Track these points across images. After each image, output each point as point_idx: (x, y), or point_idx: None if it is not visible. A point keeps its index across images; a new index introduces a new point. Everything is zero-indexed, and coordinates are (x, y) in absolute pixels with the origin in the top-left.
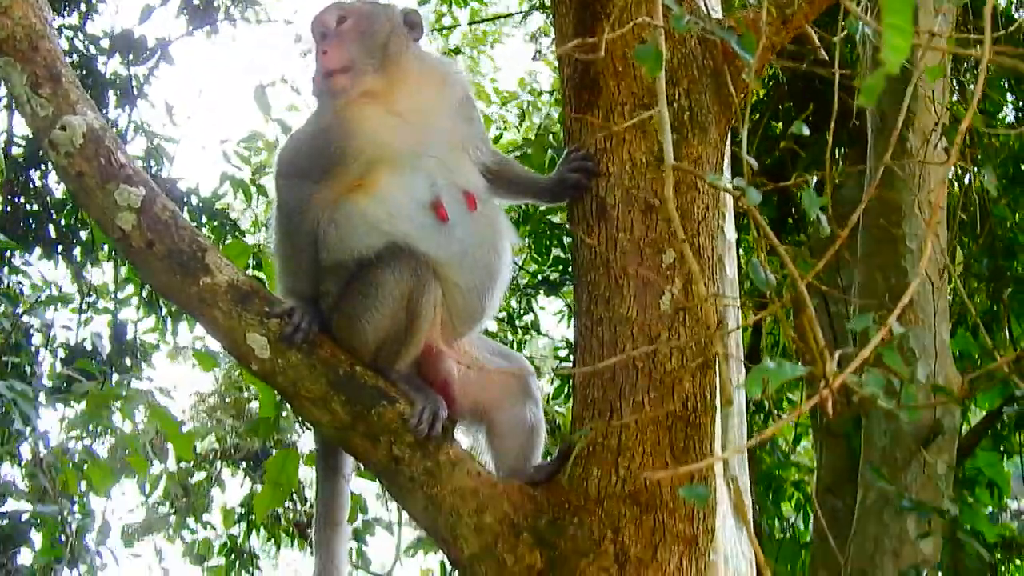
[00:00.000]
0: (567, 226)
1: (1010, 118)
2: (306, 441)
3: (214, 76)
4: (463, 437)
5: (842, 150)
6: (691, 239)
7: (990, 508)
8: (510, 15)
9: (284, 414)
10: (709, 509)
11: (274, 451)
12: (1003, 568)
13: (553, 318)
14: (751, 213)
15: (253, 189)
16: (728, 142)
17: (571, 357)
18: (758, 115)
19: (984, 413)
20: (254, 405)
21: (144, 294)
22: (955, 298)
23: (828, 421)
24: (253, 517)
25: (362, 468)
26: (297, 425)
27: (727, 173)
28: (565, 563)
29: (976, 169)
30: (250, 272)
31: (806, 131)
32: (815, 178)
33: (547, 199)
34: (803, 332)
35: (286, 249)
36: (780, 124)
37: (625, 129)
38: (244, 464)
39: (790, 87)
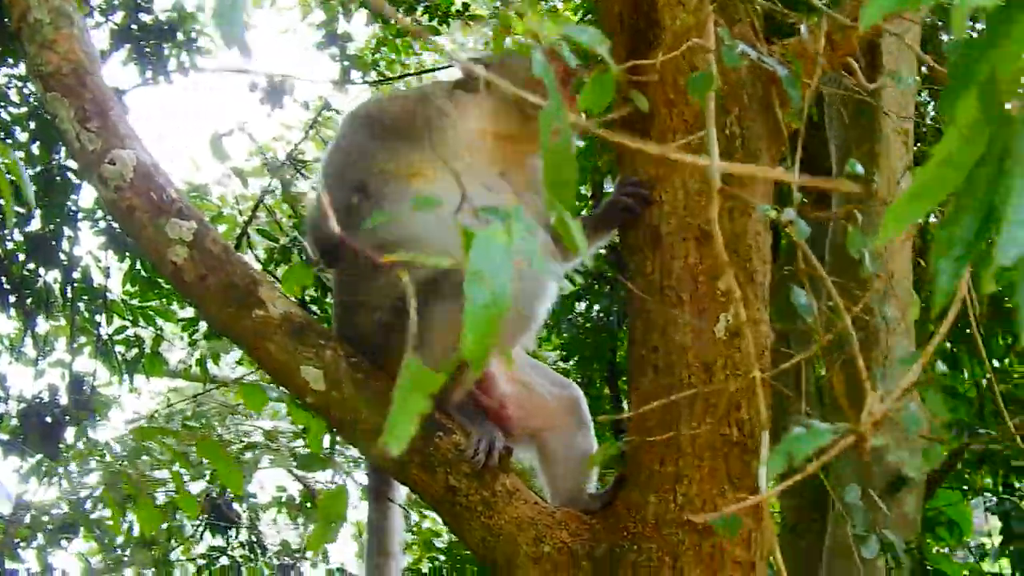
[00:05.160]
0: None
1: None
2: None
3: (170, 125)
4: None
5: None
6: (743, 264)
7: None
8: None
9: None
10: (766, 534)
11: (233, 502)
12: None
13: None
14: (800, 246)
15: None
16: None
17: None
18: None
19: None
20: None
21: (99, 341)
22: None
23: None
24: (214, 568)
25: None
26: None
27: None
28: None
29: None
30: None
31: (860, 169)
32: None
33: (599, 226)
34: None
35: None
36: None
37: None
38: (205, 516)
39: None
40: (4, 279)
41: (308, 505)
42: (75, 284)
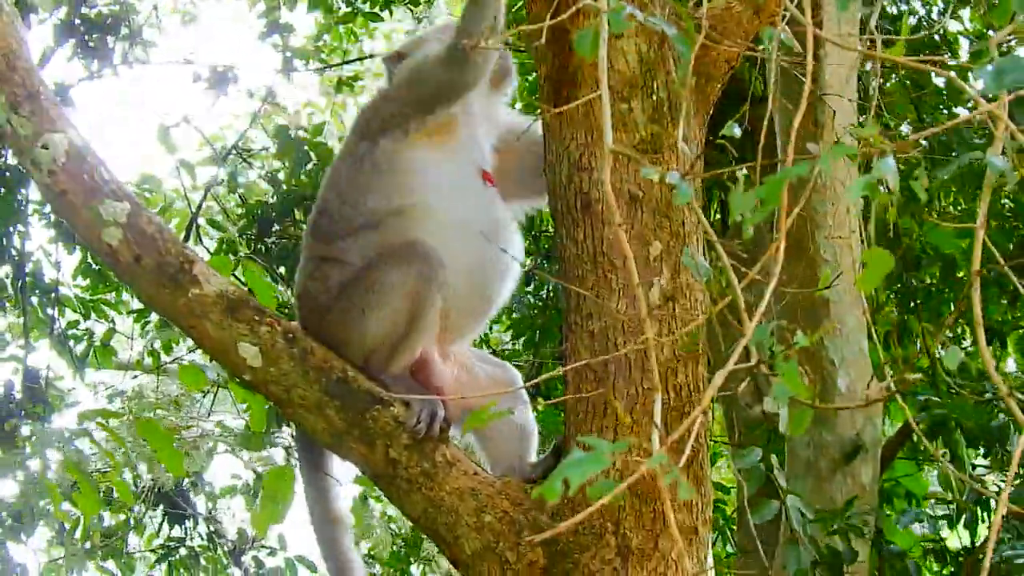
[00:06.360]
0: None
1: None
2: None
3: (115, 118)
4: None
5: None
6: (676, 228)
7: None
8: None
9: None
10: (707, 500)
11: (189, 491)
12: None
13: None
14: (694, 209)
15: None
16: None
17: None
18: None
19: (899, 425)
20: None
21: (54, 335)
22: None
23: (743, 435)
24: (174, 559)
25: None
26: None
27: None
28: (567, 558)
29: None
30: None
31: (737, 132)
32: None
33: None
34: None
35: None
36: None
37: None
38: (162, 506)
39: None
40: None
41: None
42: (27, 279)
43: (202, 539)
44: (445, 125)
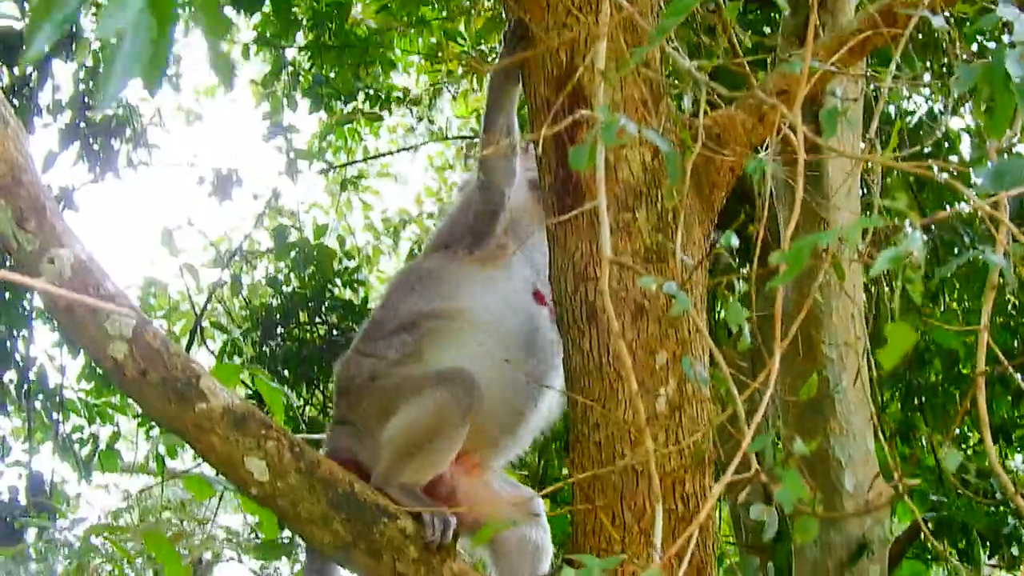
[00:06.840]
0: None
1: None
2: None
3: (118, 221)
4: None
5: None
6: (683, 337)
7: None
8: (409, 148)
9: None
10: None
11: None
12: None
13: None
14: (692, 317)
15: None
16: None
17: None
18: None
19: (907, 524)
20: None
21: (59, 439)
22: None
23: (750, 535)
24: None
25: None
26: None
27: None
28: None
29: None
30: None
31: (735, 241)
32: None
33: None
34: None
35: None
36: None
37: (611, 231)
38: None
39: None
40: None
41: None
42: (31, 383)
43: None
44: (495, 252)
